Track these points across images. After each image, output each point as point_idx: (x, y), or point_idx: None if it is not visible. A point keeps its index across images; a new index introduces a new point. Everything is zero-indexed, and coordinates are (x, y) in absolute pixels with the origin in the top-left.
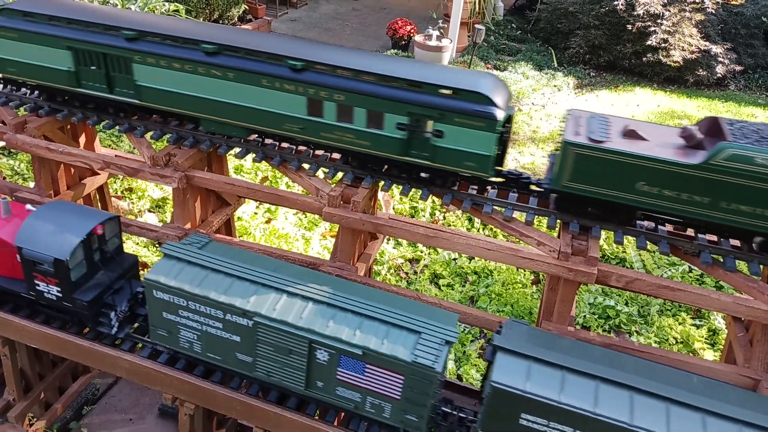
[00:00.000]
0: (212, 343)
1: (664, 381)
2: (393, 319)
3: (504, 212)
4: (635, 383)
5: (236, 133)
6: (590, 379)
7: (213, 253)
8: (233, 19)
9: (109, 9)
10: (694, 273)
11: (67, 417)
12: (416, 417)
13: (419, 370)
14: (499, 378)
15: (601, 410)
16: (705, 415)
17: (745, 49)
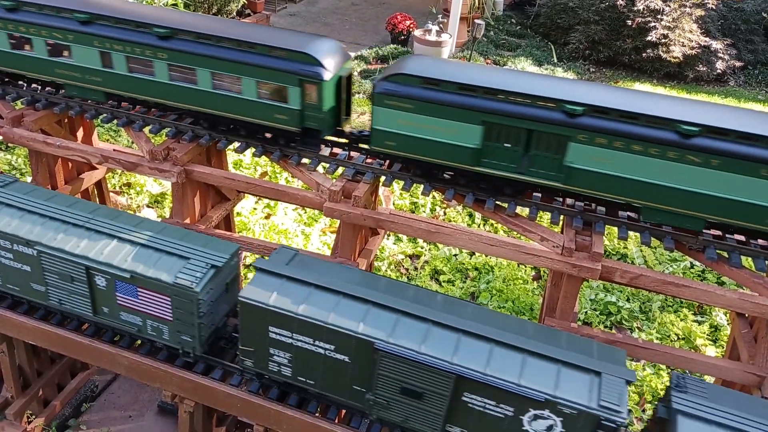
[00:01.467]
0: (8, 274)
1: (414, 300)
2: (166, 247)
3: (507, 208)
4: (375, 298)
5: None
6: (334, 295)
7: (9, 191)
8: (232, 14)
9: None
10: (696, 268)
11: (65, 414)
12: (190, 337)
13: (181, 290)
14: (247, 293)
15: (335, 320)
16: (431, 326)
17: (745, 45)
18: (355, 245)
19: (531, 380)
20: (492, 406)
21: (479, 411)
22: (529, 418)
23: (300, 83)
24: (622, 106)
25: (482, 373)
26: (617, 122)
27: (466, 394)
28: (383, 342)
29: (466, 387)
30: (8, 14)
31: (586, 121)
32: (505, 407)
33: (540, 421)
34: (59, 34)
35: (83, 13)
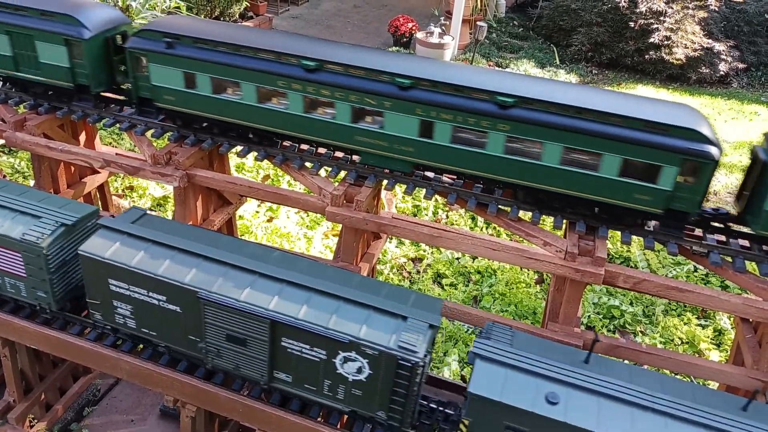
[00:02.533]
0: None
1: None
2: (21, 207)
3: (510, 212)
4: (207, 253)
5: None
6: (169, 249)
7: None
8: (234, 16)
9: None
10: (699, 272)
11: (67, 418)
12: (44, 293)
13: (29, 246)
14: (86, 247)
15: (164, 272)
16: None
17: (748, 47)
18: (357, 249)
19: (339, 324)
20: (307, 350)
21: (297, 355)
22: (341, 361)
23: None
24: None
25: (294, 318)
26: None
27: (284, 339)
28: (205, 291)
29: (283, 332)
30: (308, 75)
31: None
32: (319, 351)
33: (350, 363)
34: (372, 100)
35: (403, 77)
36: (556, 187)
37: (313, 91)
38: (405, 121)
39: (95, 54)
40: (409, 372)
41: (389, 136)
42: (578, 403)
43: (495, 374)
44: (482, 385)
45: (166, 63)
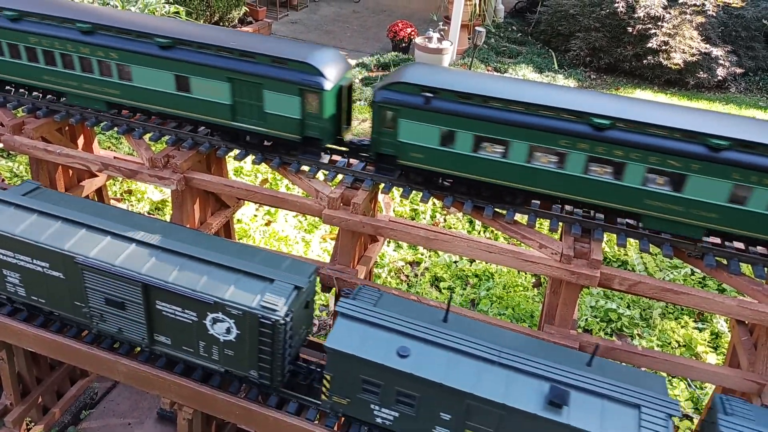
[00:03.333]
0: None
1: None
2: None
3: (506, 215)
4: (92, 223)
5: None
6: (54, 219)
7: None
8: (234, 22)
9: None
10: (696, 275)
11: (65, 421)
12: None
13: None
14: None
15: (46, 240)
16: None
17: (746, 52)
18: (354, 252)
19: (207, 287)
20: (179, 312)
21: (172, 318)
22: (210, 322)
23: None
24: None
25: (164, 281)
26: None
27: (157, 302)
28: (83, 256)
29: (156, 295)
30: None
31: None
32: (190, 313)
33: (219, 324)
34: (675, 161)
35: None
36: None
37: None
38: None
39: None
40: (272, 330)
41: (689, 201)
42: (428, 357)
43: (353, 330)
44: (339, 339)
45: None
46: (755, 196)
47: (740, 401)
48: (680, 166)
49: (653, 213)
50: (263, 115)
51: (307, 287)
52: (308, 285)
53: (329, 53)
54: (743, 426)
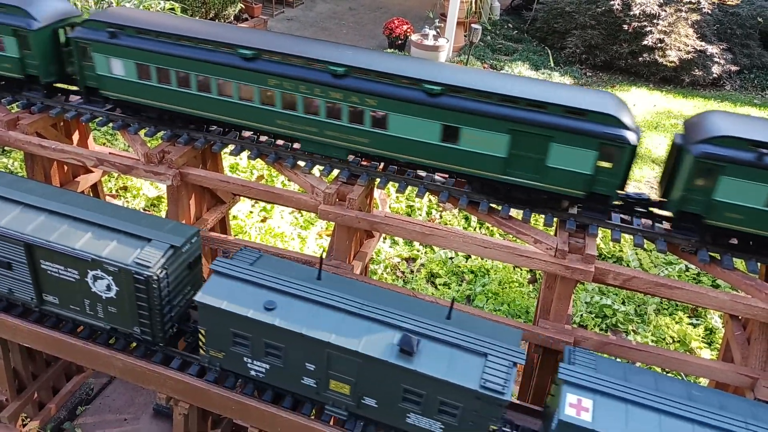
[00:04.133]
0: None
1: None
2: None
3: (501, 211)
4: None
5: None
6: None
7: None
8: (229, 18)
9: None
10: (691, 272)
11: (61, 417)
12: None
13: None
14: None
15: None
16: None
17: (741, 50)
18: (350, 248)
19: (87, 246)
20: (63, 270)
21: (56, 277)
22: (92, 279)
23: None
24: None
25: (45, 240)
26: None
27: (42, 261)
28: None
29: (40, 255)
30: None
31: None
32: (72, 271)
33: (99, 282)
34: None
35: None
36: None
37: None
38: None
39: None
40: (146, 286)
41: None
42: (294, 310)
43: (224, 286)
44: (210, 294)
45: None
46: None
47: (588, 353)
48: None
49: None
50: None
51: (186, 248)
52: (188, 246)
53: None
54: (578, 372)
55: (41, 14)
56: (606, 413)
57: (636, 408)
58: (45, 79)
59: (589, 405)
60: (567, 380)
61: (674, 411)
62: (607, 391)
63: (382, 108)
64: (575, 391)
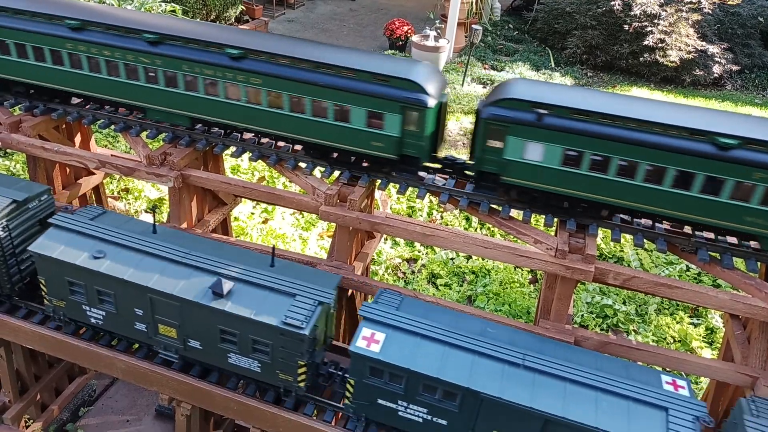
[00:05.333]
0: None
1: None
2: None
3: (501, 211)
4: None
5: None
6: None
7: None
8: (230, 20)
9: None
10: (692, 272)
11: (63, 418)
12: None
13: None
14: None
15: None
16: None
17: (742, 49)
18: (351, 248)
19: None
20: None
21: None
22: None
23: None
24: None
25: None
26: None
27: None
28: None
29: None
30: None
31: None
32: None
33: None
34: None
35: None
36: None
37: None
38: None
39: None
40: None
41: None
42: (120, 259)
43: (60, 238)
44: (44, 246)
45: None
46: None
47: (395, 294)
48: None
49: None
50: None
51: (34, 204)
52: (36, 203)
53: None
54: (378, 309)
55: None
56: (395, 345)
57: (425, 341)
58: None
59: (381, 338)
60: (365, 316)
61: (460, 344)
62: (400, 326)
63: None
64: (370, 325)
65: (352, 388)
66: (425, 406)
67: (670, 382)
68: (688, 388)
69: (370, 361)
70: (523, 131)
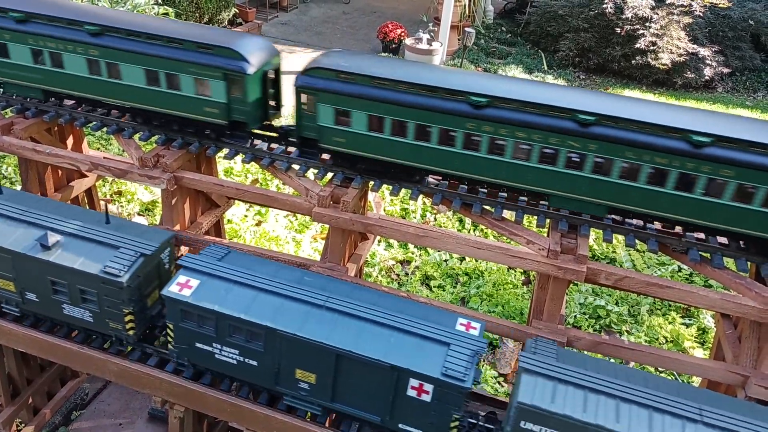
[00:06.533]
0: None
1: None
2: None
3: (494, 212)
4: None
5: None
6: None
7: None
8: (223, 23)
9: None
10: (683, 272)
11: (55, 422)
12: None
13: None
14: None
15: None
16: None
17: (733, 52)
18: (344, 250)
19: None
20: None
21: None
22: None
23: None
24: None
25: None
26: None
27: None
28: None
29: None
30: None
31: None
32: None
33: None
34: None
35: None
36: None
37: None
38: None
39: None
40: None
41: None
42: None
43: None
44: None
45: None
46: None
47: (232, 252)
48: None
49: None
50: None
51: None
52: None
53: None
54: (197, 260)
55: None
56: (207, 290)
57: (237, 286)
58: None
59: (194, 284)
60: (184, 265)
61: (271, 288)
62: (216, 274)
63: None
64: (187, 273)
65: (172, 332)
66: (236, 347)
67: (464, 323)
68: (479, 330)
69: (181, 304)
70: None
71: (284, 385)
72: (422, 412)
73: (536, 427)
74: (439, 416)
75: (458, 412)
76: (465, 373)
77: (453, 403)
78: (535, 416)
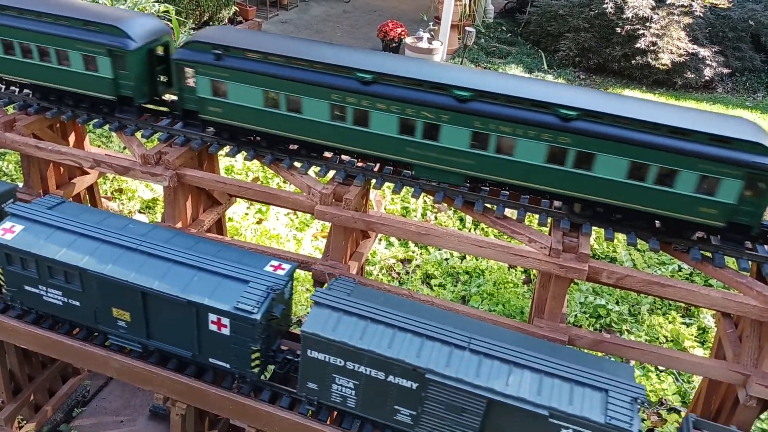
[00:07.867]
0: None
1: None
2: None
3: (496, 210)
4: None
5: None
6: None
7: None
8: (224, 21)
9: None
10: (684, 272)
11: (57, 419)
12: None
13: None
14: None
15: None
16: None
17: (733, 52)
18: (346, 248)
19: None
20: None
21: None
22: None
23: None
24: None
25: None
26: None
27: None
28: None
29: None
30: None
31: None
32: None
33: None
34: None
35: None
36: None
37: None
38: None
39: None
40: None
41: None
42: None
43: None
44: None
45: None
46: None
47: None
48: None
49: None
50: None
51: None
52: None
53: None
54: (30, 209)
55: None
56: (28, 234)
57: (58, 231)
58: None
59: (17, 229)
60: (12, 212)
61: (88, 233)
62: (38, 220)
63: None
64: (13, 219)
65: (2, 278)
66: (59, 288)
67: (275, 265)
68: (288, 270)
69: (3, 248)
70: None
71: (104, 324)
72: (225, 346)
73: (321, 355)
74: (240, 349)
75: (255, 344)
76: (256, 306)
77: (249, 336)
78: (318, 344)
